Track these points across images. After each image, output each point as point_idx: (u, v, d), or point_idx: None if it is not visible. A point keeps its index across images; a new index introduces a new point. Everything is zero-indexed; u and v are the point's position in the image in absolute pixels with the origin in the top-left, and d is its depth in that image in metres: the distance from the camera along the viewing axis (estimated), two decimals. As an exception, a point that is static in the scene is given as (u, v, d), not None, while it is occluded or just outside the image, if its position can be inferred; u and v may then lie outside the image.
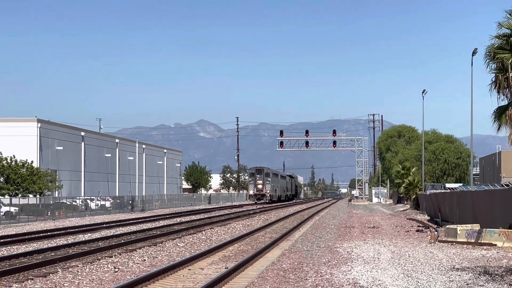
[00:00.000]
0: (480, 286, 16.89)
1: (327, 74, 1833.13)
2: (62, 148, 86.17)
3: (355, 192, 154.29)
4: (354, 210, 75.88)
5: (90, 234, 37.48)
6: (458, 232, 29.40)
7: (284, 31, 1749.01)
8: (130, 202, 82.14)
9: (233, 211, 70.88)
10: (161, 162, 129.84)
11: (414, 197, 75.51)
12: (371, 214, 65.84)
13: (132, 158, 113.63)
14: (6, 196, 62.74)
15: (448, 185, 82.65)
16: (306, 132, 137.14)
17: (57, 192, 76.75)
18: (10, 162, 66.23)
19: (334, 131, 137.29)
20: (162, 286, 17.67)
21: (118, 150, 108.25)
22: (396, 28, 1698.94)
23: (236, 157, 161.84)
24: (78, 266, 21.92)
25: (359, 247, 27.71)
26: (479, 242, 27.80)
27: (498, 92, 31.92)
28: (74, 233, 38.29)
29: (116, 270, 21.17)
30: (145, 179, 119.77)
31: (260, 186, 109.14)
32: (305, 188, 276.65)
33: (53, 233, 37.81)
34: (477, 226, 30.38)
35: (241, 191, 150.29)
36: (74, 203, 70.15)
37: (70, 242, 31.11)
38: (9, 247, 29.50)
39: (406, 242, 30.66)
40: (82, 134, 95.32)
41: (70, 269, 21.37)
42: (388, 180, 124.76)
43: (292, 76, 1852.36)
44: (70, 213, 64.18)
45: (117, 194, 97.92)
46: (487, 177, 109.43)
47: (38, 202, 62.04)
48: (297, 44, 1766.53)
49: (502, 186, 31.26)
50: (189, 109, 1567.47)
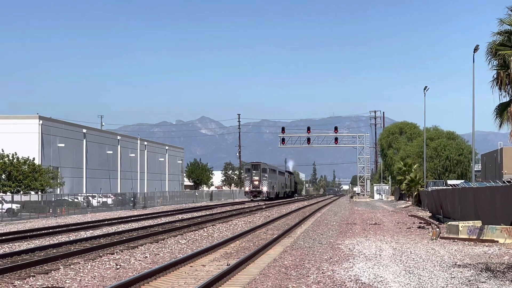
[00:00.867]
0: (481, 282, 16.88)
1: (329, 71, 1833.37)
2: (63, 145, 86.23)
3: (357, 189, 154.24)
4: (356, 207, 75.89)
5: (91, 231, 37.51)
6: (460, 228, 29.38)
7: (286, 28, 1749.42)
8: (132, 199, 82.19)
9: (234, 208, 70.93)
10: (162, 159, 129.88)
11: (415, 193, 75.50)
12: (373, 211, 65.83)
13: (133, 155, 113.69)
14: (8, 193, 62.82)
15: (449, 181, 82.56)
16: (308, 129, 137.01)
17: (58, 189, 76.86)
18: (12, 159, 66.36)
19: (336, 128, 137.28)
20: (164, 283, 17.66)
21: (119, 147, 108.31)
22: (397, 25, 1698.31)
23: (237, 154, 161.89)
24: (80, 263, 21.93)
25: (361, 244, 27.70)
26: (481, 238, 27.79)
27: (500, 89, 31.96)
28: (75, 230, 38.32)
29: (118, 267, 21.18)
30: (146, 176, 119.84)
31: (256, 183, 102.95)
32: (306, 185, 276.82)
33: (54, 230, 37.83)
34: (479, 223, 30.37)
35: (242, 188, 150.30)
36: (76, 200, 70.23)
37: (71, 239, 31.16)
38: (10, 244, 29.53)
39: (408, 238, 30.65)
40: (84, 131, 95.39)
41: (72, 266, 21.38)
42: (389, 177, 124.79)
43: (294, 73, 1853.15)
44: (71, 210, 64.22)
45: (118, 191, 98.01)
46: (489, 173, 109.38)
47: (40, 199, 62.09)
48: (299, 41, 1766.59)
49: (504, 182, 31.21)
50: (190, 106, 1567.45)
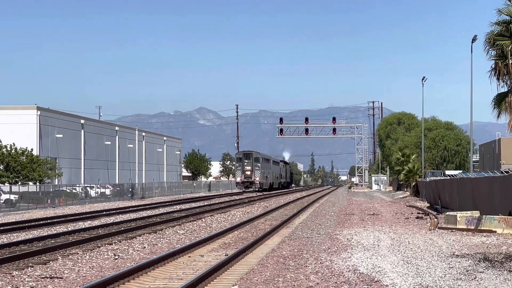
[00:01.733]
0: (479, 272, 16.90)
1: (327, 62, 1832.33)
2: (61, 135, 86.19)
3: (355, 179, 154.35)
4: (354, 197, 75.93)
5: (90, 222, 37.50)
6: (458, 219, 29.41)
7: (284, 19, 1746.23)
8: (130, 189, 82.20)
9: (233, 199, 70.92)
10: (160, 150, 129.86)
11: (414, 184, 75.57)
12: (371, 201, 65.87)
13: (131, 146, 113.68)
14: (6, 183, 62.80)
15: (448, 172, 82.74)
16: (306, 119, 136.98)
17: (57, 179, 76.84)
18: (10, 150, 66.27)
19: (334, 119, 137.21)
20: (162, 273, 17.66)
21: (117, 137, 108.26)
22: (395, 15, 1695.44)
23: (236, 144, 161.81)
24: (78, 254, 21.93)
25: (359, 234, 27.72)
26: (479, 228, 27.82)
27: (498, 79, 31.89)
28: (74, 220, 38.32)
29: (116, 257, 21.18)
30: (144, 167, 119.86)
31: (248, 173, 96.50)
32: (305, 175, 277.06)
33: (53, 220, 37.84)
34: (477, 213, 30.39)
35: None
36: (74, 191, 70.27)
37: (70, 229, 31.14)
38: (9, 235, 29.52)
39: (406, 229, 30.68)
40: (82, 121, 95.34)
41: (70, 256, 21.37)
42: (388, 167, 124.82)
43: (292, 63, 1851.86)
44: (70, 200, 64.25)
45: (117, 182, 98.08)
46: (487, 164, 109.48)
47: (38, 190, 62.09)
48: (297, 31, 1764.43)
49: (502, 173, 31.28)
50: (188, 96, 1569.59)
